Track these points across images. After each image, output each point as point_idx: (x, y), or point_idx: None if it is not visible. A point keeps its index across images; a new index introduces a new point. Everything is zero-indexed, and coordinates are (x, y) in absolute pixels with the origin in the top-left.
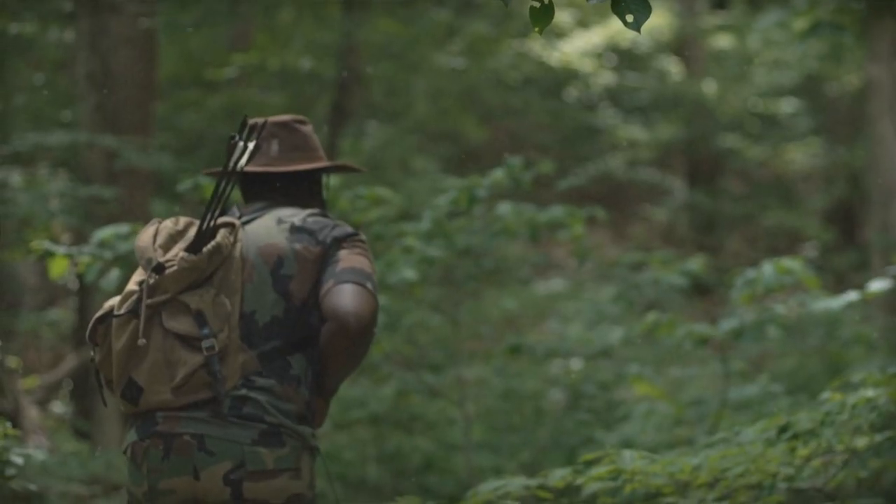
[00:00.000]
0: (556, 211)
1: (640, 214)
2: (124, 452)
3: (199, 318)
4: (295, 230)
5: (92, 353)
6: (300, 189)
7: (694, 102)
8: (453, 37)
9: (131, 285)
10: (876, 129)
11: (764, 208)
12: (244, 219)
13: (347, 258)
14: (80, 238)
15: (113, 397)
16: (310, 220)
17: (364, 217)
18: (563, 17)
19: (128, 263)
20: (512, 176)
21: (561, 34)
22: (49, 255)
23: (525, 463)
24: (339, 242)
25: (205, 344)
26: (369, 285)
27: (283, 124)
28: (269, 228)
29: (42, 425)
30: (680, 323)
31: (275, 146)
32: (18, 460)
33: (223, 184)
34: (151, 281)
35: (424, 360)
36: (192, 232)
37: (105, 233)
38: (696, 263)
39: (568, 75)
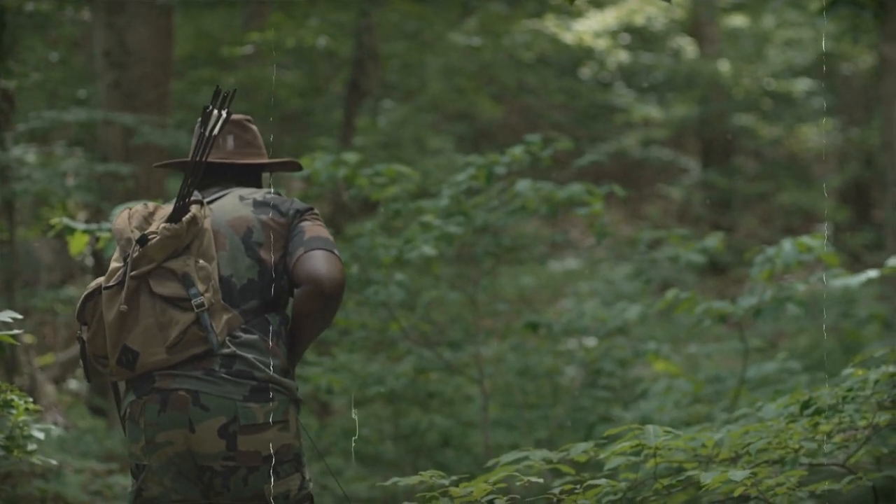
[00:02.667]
0: (575, 188)
1: (654, 193)
2: (123, 415)
3: (186, 280)
4: (258, 204)
5: (79, 332)
6: (250, 180)
7: (708, 81)
8: (468, 16)
9: (114, 263)
10: (890, 109)
11: (778, 188)
12: (208, 199)
13: (312, 228)
14: (96, 215)
15: (104, 370)
16: (269, 196)
17: (382, 194)
18: None
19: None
20: (531, 153)
21: (575, 13)
22: (69, 231)
23: (542, 440)
24: (300, 214)
25: (194, 301)
26: (336, 252)
27: (237, 122)
28: (234, 204)
29: (58, 402)
30: (699, 300)
31: (230, 141)
32: (40, 435)
33: (200, 153)
34: (136, 253)
35: (442, 337)
36: (161, 214)
37: (124, 209)
38: (714, 240)
39: (582, 54)
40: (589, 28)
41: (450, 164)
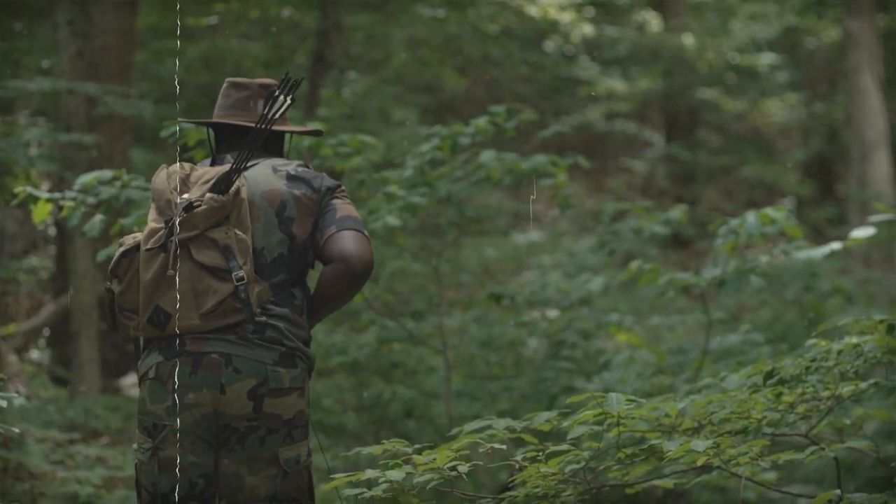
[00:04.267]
0: (539, 159)
1: (618, 166)
2: (144, 375)
3: (227, 252)
4: (291, 178)
5: (109, 285)
6: (275, 146)
7: (672, 55)
8: None
9: (153, 223)
10: (855, 83)
11: (741, 161)
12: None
13: (343, 207)
14: (59, 184)
15: (130, 324)
16: (300, 170)
17: (347, 164)
18: None
19: (110, 208)
20: (495, 124)
21: None
22: (33, 199)
23: (505, 410)
24: (331, 192)
25: (235, 275)
26: (365, 232)
27: (267, 87)
28: (267, 176)
29: (20, 372)
30: (662, 272)
31: (260, 106)
32: (2, 403)
33: (258, 134)
34: (180, 218)
35: (405, 308)
36: (196, 176)
37: (87, 178)
38: (678, 213)
39: (547, 27)
40: (554, 1)
41: (414, 135)
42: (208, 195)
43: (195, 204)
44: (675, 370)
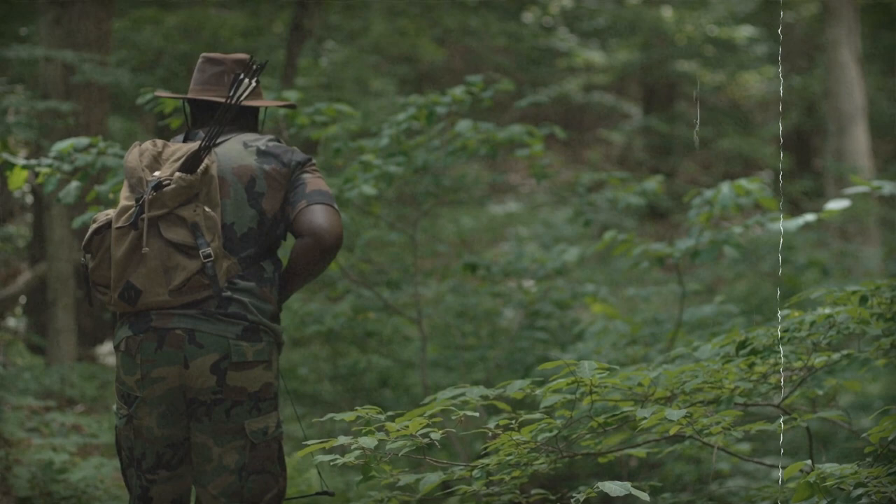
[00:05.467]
0: (515, 129)
1: (596, 138)
2: (117, 347)
3: (195, 229)
4: (261, 153)
5: (83, 260)
6: (247, 120)
7: (651, 27)
8: None
9: (124, 201)
10: (833, 57)
11: (719, 134)
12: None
13: (313, 181)
14: (37, 152)
15: (104, 298)
16: (271, 144)
17: (323, 133)
18: None
19: (86, 175)
20: (471, 94)
21: None
22: (8, 166)
23: (479, 380)
24: (301, 166)
25: (203, 251)
26: (335, 206)
27: (241, 62)
28: (238, 151)
29: None
30: (636, 243)
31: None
32: None
33: (224, 114)
34: (150, 197)
35: (381, 277)
36: (168, 152)
37: (63, 145)
38: (653, 184)
39: None
40: None
41: (392, 106)
42: (177, 175)
43: (164, 182)
44: (650, 341)
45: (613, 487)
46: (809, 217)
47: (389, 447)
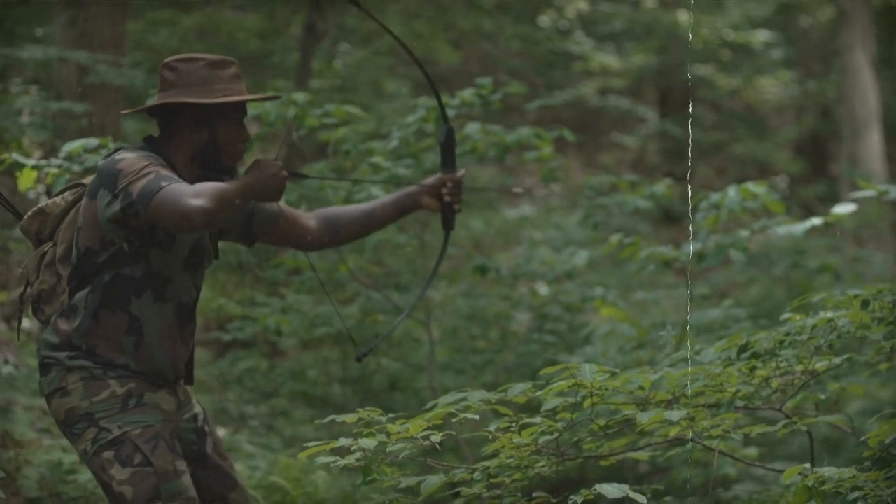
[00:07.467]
0: (524, 131)
1: (610, 142)
2: None
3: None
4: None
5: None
6: (165, 125)
7: (667, 31)
8: None
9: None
10: (848, 61)
11: (734, 138)
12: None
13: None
14: (51, 153)
15: None
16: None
17: (333, 135)
18: None
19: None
20: (481, 96)
21: None
22: (18, 166)
23: (488, 384)
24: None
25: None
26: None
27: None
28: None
29: (10, 340)
30: (644, 246)
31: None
32: None
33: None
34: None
35: (391, 280)
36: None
37: (73, 146)
38: (662, 187)
39: (541, 1)
40: None
41: (406, 108)
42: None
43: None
44: (657, 345)
45: (611, 490)
46: (816, 221)
47: (390, 449)
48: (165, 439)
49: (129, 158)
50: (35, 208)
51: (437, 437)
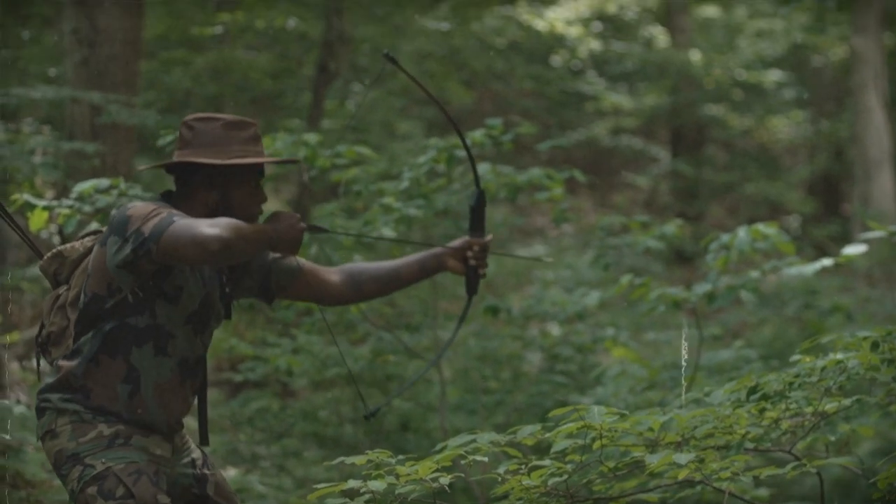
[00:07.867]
0: (535, 172)
1: (623, 182)
2: None
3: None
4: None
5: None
6: (184, 181)
7: (679, 71)
8: (439, 0)
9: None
10: (860, 101)
11: (746, 178)
12: None
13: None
14: (63, 193)
15: None
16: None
17: (344, 175)
18: None
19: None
20: (492, 137)
21: (548, 1)
22: (29, 207)
23: (499, 424)
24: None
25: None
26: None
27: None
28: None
29: (22, 380)
30: (655, 286)
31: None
32: None
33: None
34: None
35: (402, 321)
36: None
37: (85, 186)
38: (672, 227)
39: (554, 41)
40: (561, 16)
41: (418, 148)
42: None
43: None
44: (668, 385)
45: None
46: (826, 262)
47: (399, 491)
48: (149, 475)
49: (139, 206)
50: (54, 250)
51: (445, 480)
